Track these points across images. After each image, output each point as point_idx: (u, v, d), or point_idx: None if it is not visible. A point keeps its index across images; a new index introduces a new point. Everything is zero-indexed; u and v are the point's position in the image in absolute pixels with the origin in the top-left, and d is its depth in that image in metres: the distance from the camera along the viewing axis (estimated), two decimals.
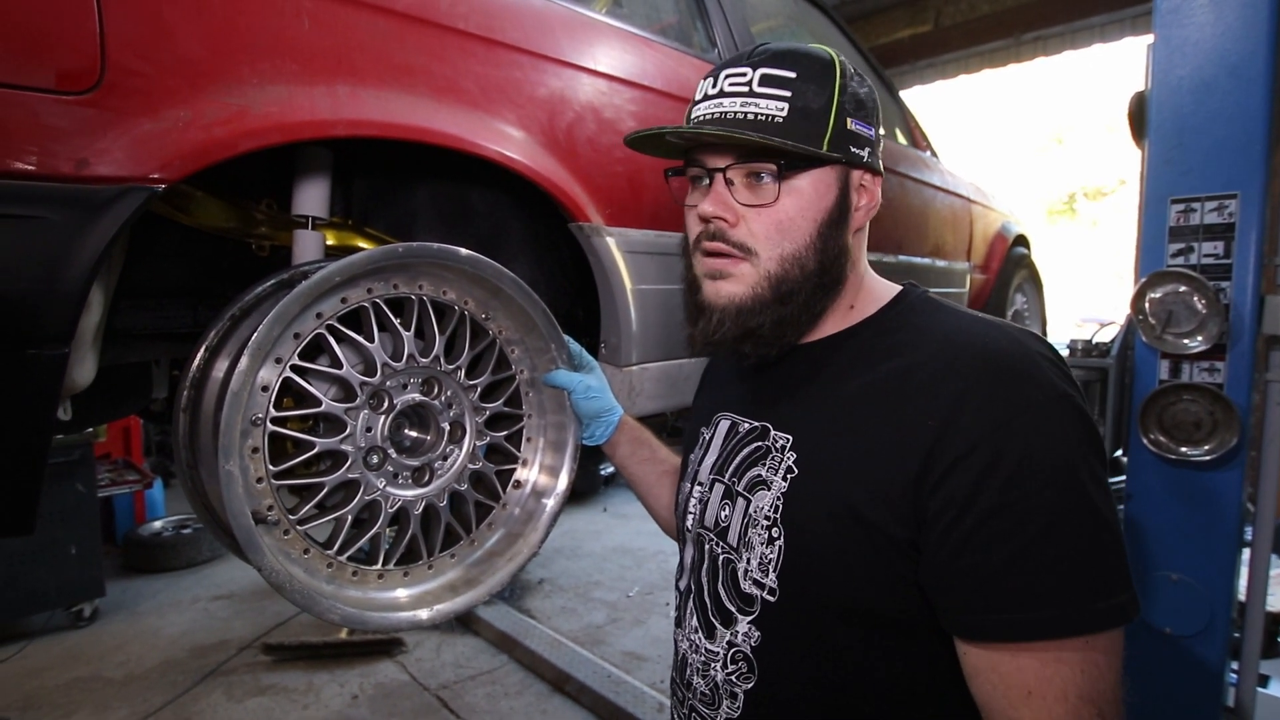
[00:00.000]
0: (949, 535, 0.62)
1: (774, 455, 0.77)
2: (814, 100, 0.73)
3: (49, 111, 0.70)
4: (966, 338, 0.70)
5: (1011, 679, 0.61)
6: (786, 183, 0.74)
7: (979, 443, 0.62)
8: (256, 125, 0.83)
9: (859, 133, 0.76)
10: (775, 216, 0.75)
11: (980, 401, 0.63)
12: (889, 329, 0.77)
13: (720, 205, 0.76)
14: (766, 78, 0.73)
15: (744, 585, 0.76)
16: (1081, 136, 14.55)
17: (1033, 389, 0.64)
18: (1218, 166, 1.58)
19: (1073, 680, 0.60)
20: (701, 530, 0.84)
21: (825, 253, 0.75)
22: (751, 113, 0.73)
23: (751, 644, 0.76)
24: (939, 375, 0.67)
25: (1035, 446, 0.61)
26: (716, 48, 1.72)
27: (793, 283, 0.75)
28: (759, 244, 0.75)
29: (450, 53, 1.06)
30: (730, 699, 0.77)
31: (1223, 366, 1.60)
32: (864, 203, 0.78)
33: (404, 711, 2.76)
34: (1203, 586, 1.64)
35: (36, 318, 0.70)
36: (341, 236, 1.15)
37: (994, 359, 0.66)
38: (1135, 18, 5.16)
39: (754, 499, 0.77)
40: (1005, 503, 0.61)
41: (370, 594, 0.95)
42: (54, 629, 3.30)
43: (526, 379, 1.09)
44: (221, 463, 0.77)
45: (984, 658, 0.63)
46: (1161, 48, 1.64)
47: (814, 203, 0.75)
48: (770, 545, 0.74)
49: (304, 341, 0.86)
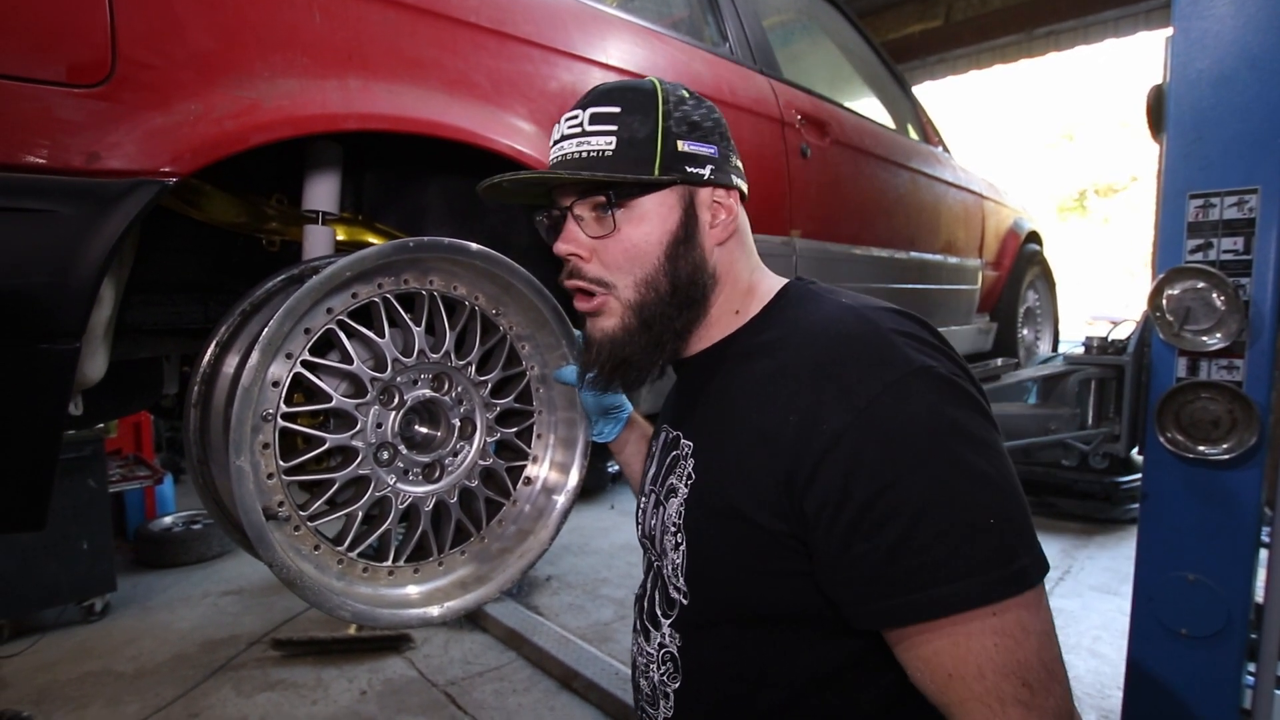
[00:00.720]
0: (831, 532, 0.62)
1: (682, 462, 0.79)
2: (639, 130, 0.75)
3: (60, 105, 0.70)
4: (822, 327, 0.70)
5: (931, 662, 0.60)
6: (624, 210, 0.76)
7: (841, 434, 0.62)
8: (267, 119, 0.83)
9: (695, 152, 0.77)
10: (621, 245, 0.77)
11: (835, 392, 0.63)
12: (764, 328, 0.78)
13: (570, 242, 0.79)
14: (595, 115, 0.76)
15: (670, 590, 0.79)
16: (1093, 132, 14.44)
17: (885, 369, 0.63)
18: (1238, 161, 1.55)
19: (986, 655, 0.58)
20: (644, 539, 0.88)
21: (676, 273, 0.77)
22: (584, 151, 0.76)
23: (676, 645, 0.79)
24: (797, 369, 0.68)
25: (897, 426, 0.61)
26: (728, 42, 1.70)
27: (652, 307, 0.77)
28: (612, 274, 0.77)
29: (462, 46, 1.06)
30: (665, 699, 0.80)
31: (1242, 364, 1.57)
32: (722, 218, 0.79)
33: (412, 707, 2.77)
34: (1220, 587, 1.61)
35: (48, 312, 0.69)
36: (352, 232, 1.15)
37: (844, 345, 0.67)
38: (1149, 12, 5.11)
39: (667, 506, 0.79)
40: (878, 489, 0.60)
41: (381, 591, 0.94)
42: (66, 623, 3.32)
43: (537, 375, 1.08)
44: (233, 458, 0.77)
45: (902, 647, 0.63)
46: (1180, 40, 1.61)
47: (657, 226, 0.76)
48: (677, 550, 0.76)
49: (315, 337, 0.86)
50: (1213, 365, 1.60)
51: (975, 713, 0.58)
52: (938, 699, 0.61)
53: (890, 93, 2.58)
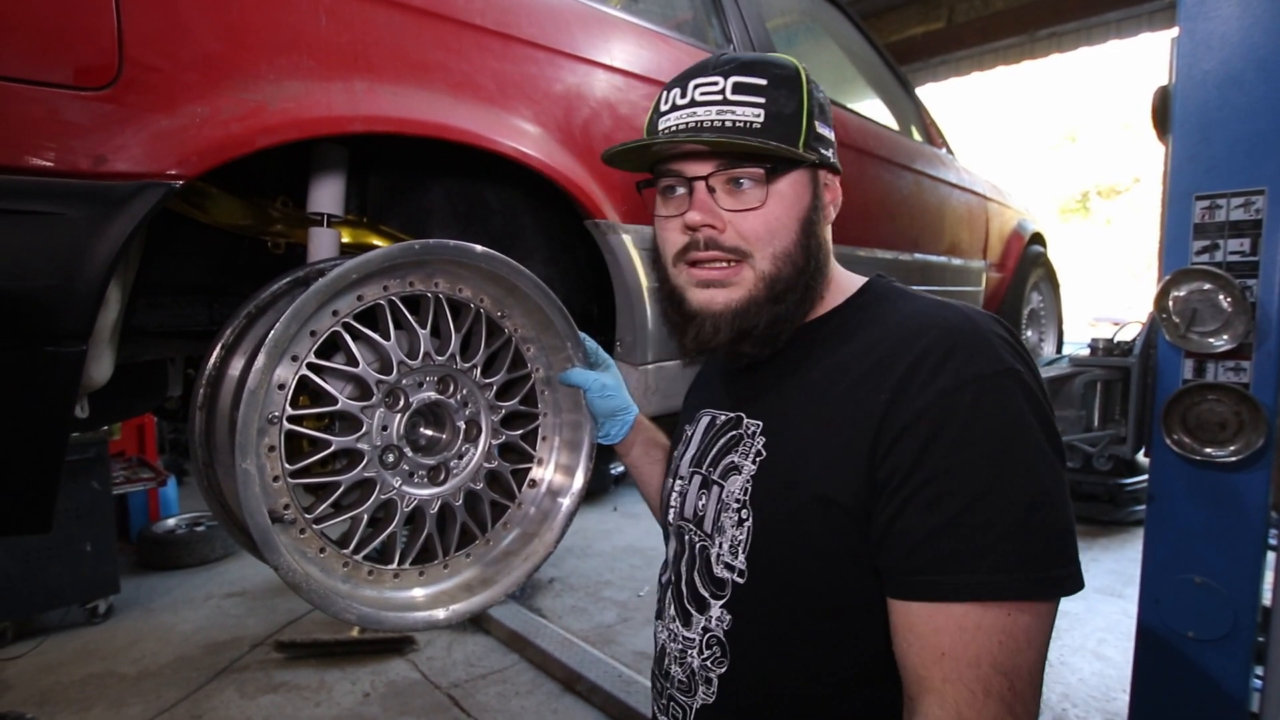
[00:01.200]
0: (892, 499, 0.64)
1: (745, 441, 0.80)
2: (786, 105, 0.76)
3: (67, 107, 0.70)
4: (922, 317, 0.72)
5: (928, 639, 0.62)
6: (772, 185, 0.76)
7: (924, 411, 0.64)
8: (274, 121, 0.83)
9: (824, 134, 0.80)
10: (765, 218, 0.77)
11: (929, 373, 0.65)
12: (854, 316, 0.80)
13: (707, 213, 0.77)
14: (739, 85, 0.75)
15: (716, 569, 0.78)
16: (1095, 134, 14.43)
17: (981, 362, 0.65)
18: (1244, 162, 1.54)
19: (987, 648, 0.60)
20: (682, 522, 0.87)
21: (809, 248, 0.79)
22: (729, 120, 0.75)
23: (724, 628, 0.77)
24: (892, 352, 0.70)
25: (979, 416, 0.63)
26: (732, 43, 1.70)
27: (786, 280, 0.77)
28: (752, 246, 0.77)
29: (466, 48, 1.06)
30: (705, 684, 0.79)
31: (1249, 366, 1.57)
32: (830, 199, 0.82)
33: (415, 710, 2.77)
34: (1227, 590, 1.61)
35: (54, 314, 0.69)
36: (356, 234, 1.14)
37: (945, 333, 0.68)
38: (1152, 13, 5.11)
39: (726, 484, 0.79)
40: (944, 469, 0.62)
41: (386, 594, 0.94)
42: (69, 625, 3.33)
43: (542, 377, 1.08)
44: (238, 461, 0.77)
45: (905, 616, 0.64)
46: (1186, 41, 1.61)
47: (795, 202, 0.78)
48: (740, 527, 0.76)
49: (320, 339, 0.86)
50: (1219, 367, 1.60)
51: (956, 693, 0.60)
52: (916, 670, 0.63)
53: (893, 94, 2.58)
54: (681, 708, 0.82)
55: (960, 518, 0.61)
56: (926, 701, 0.61)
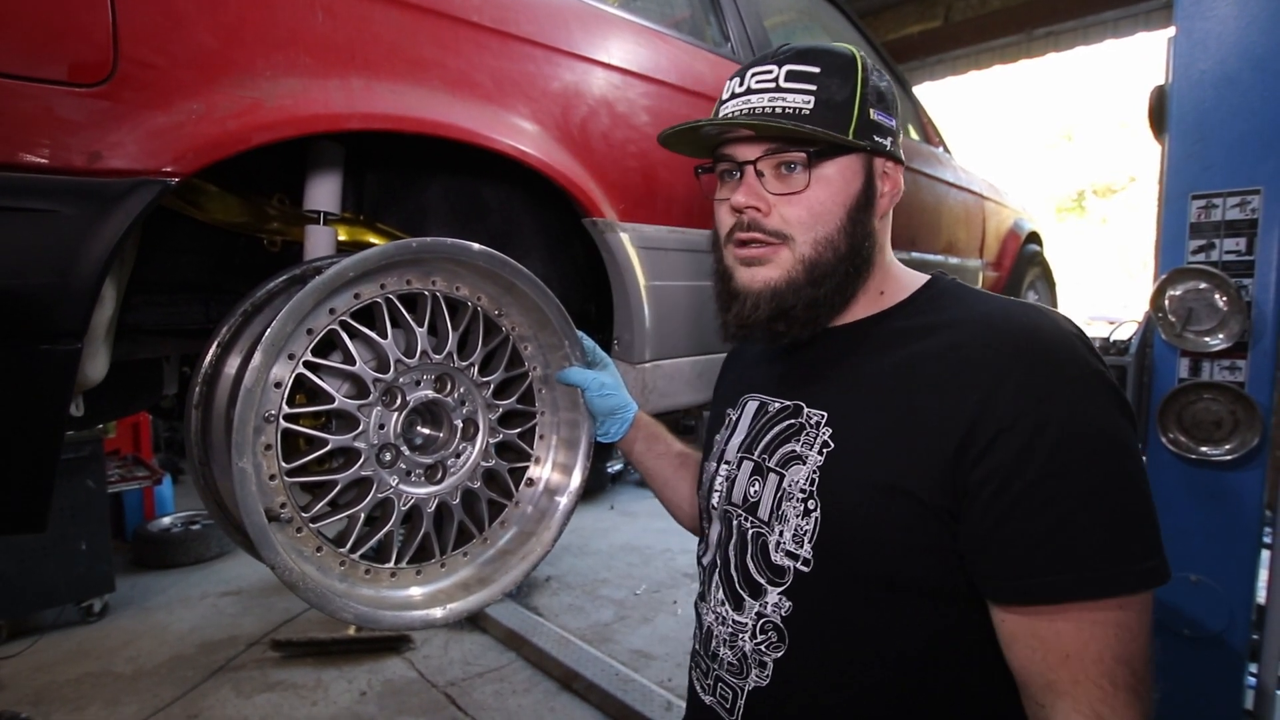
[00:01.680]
0: (993, 504, 0.65)
1: (808, 431, 0.80)
2: (838, 93, 0.77)
3: (61, 104, 0.69)
4: (1003, 318, 0.73)
5: (1050, 642, 0.64)
6: (816, 170, 0.78)
7: (1021, 415, 0.65)
8: (270, 118, 0.82)
9: (881, 123, 0.80)
10: (807, 203, 0.78)
11: (1022, 377, 0.67)
12: (922, 311, 0.80)
13: (752, 195, 0.80)
14: (792, 73, 0.78)
15: (775, 557, 0.79)
16: (1091, 133, 14.45)
17: (1071, 366, 0.67)
18: (1240, 161, 1.55)
19: (1108, 642, 0.63)
20: (729, 506, 0.86)
21: (854, 236, 0.79)
22: (780, 106, 0.77)
23: (782, 614, 0.78)
24: (979, 352, 0.70)
25: (1076, 418, 0.65)
26: (730, 42, 1.70)
27: (826, 265, 0.79)
28: (793, 229, 0.79)
29: (464, 46, 1.05)
30: (759, 668, 0.79)
31: (1244, 365, 1.57)
32: (888, 189, 0.82)
33: (412, 708, 2.76)
34: (1222, 588, 1.61)
35: (49, 313, 0.69)
36: (353, 232, 1.14)
37: (1032, 337, 0.69)
38: (1149, 12, 5.11)
39: (788, 474, 0.79)
40: (1048, 472, 0.64)
41: (383, 592, 0.94)
42: (64, 624, 3.31)
43: (540, 376, 1.07)
44: (235, 459, 0.77)
45: (1023, 623, 0.66)
46: (1183, 40, 1.61)
47: (842, 189, 0.79)
48: (806, 518, 0.76)
49: (317, 337, 0.85)
50: (1215, 366, 1.60)
51: (1088, 692, 0.62)
52: (1043, 676, 0.65)
53: None
54: (731, 689, 0.82)
55: (1069, 519, 0.63)
56: (1062, 707, 0.64)
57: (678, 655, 3.14)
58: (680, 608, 3.62)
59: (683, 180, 1.40)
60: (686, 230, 1.39)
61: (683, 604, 3.66)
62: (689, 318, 1.39)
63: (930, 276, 0.85)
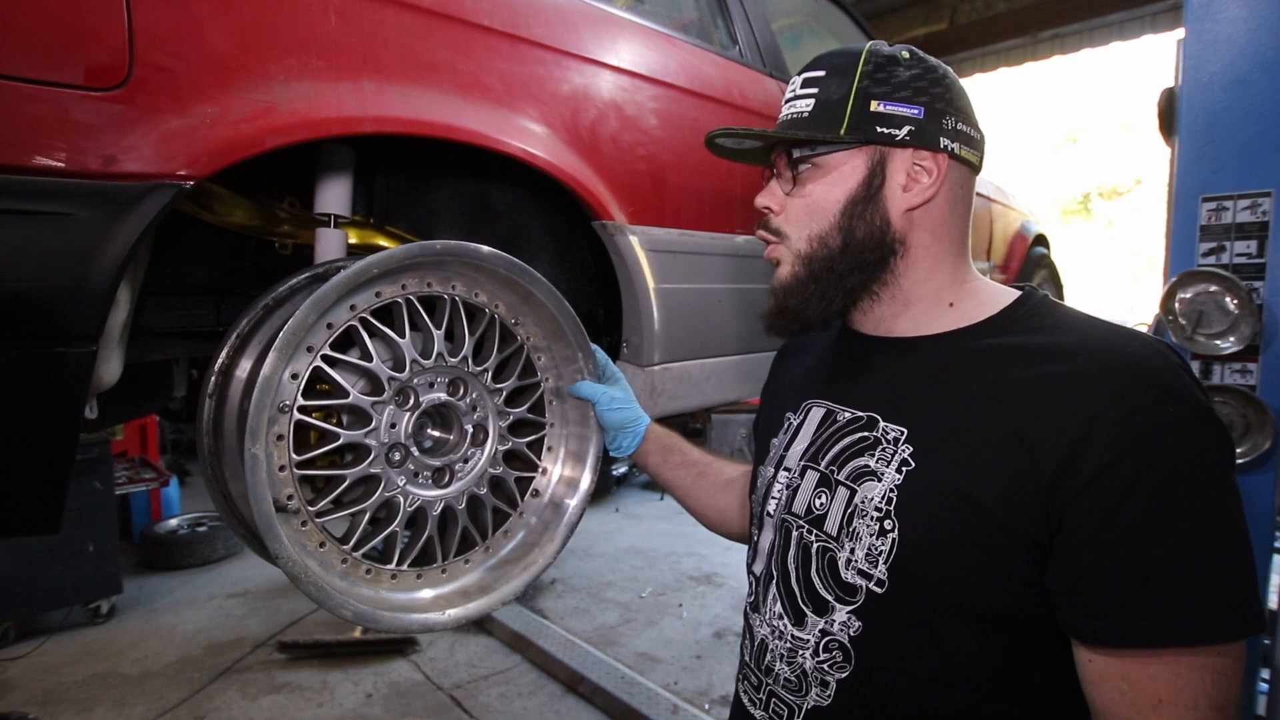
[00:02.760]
0: (1091, 542, 0.63)
1: (884, 447, 0.76)
2: (834, 92, 0.79)
3: (77, 108, 0.70)
4: (1105, 345, 0.69)
5: (1143, 687, 0.62)
6: (808, 168, 0.81)
7: (1126, 453, 0.62)
8: (283, 122, 0.83)
9: (891, 113, 0.77)
10: (801, 200, 0.81)
11: (1126, 412, 0.63)
12: (1014, 330, 0.76)
13: (766, 196, 0.86)
14: (805, 80, 0.82)
15: (845, 575, 0.76)
16: (1097, 136, 14.42)
17: (1178, 402, 0.64)
18: (1251, 164, 1.54)
19: (1203, 689, 0.61)
20: (788, 516, 0.84)
21: (851, 231, 0.79)
22: (793, 113, 0.81)
23: (850, 633, 0.75)
24: (1080, 381, 0.67)
25: (1180, 459, 0.62)
26: (737, 45, 1.70)
27: (820, 261, 0.80)
28: (789, 227, 0.83)
29: (475, 49, 1.06)
30: (820, 687, 0.77)
31: (1255, 368, 1.56)
32: (923, 182, 0.77)
33: (418, 711, 2.76)
34: None
35: (65, 315, 0.69)
36: (363, 235, 1.15)
37: (1138, 370, 0.66)
38: (1154, 15, 5.10)
39: (860, 489, 0.76)
40: (1151, 513, 0.61)
41: (383, 593, 0.94)
42: (72, 625, 3.32)
43: (552, 387, 1.08)
44: (248, 445, 0.77)
45: (1114, 666, 0.63)
46: (1193, 43, 1.61)
47: (838, 184, 0.79)
48: (882, 537, 0.73)
49: (336, 332, 0.86)
50: (1226, 369, 1.59)
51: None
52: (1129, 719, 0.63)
53: None
54: (788, 706, 0.80)
55: (1171, 561, 0.61)
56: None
57: (683, 658, 3.14)
58: (685, 611, 3.61)
59: (691, 184, 1.40)
60: (696, 233, 1.39)
61: (688, 607, 3.65)
62: (698, 321, 1.39)
63: (1022, 292, 0.81)
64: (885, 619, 0.73)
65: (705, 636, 3.34)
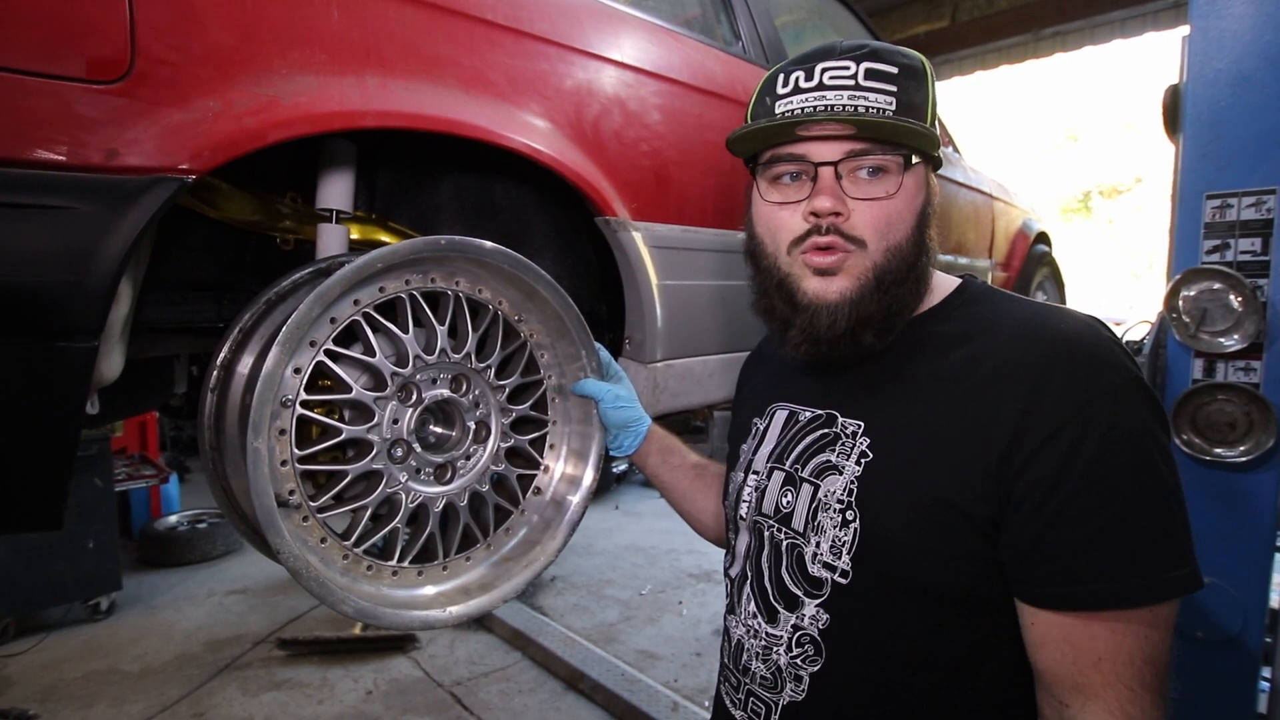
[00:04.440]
0: (1038, 513, 0.65)
1: (844, 441, 0.78)
2: (915, 96, 0.74)
3: (79, 101, 0.69)
4: (1039, 324, 0.72)
5: (1083, 646, 0.65)
6: (883, 173, 0.74)
7: (1064, 425, 0.65)
8: (286, 116, 0.82)
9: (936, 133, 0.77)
10: (887, 209, 0.74)
11: (1062, 386, 0.66)
12: (955, 317, 0.79)
13: (837, 200, 0.74)
14: (871, 72, 0.73)
15: (812, 569, 0.77)
16: (1097, 134, 14.41)
17: (1110, 372, 0.67)
18: (1256, 161, 1.53)
19: (1138, 646, 0.64)
20: (759, 517, 0.85)
21: (919, 245, 0.77)
22: (862, 105, 0.72)
23: (820, 627, 0.77)
24: (1017, 360, 0.69)
25: (1116, 427, 0.65)
26: (740, 41, 1.69)
27: (895, 274, 0.75)
28: (869, 236, 0.74)
29: (478, 44, 1.05)
30: (795, 682, 0.78)
31: (1259, 366, 1.56)
32: (936, 195, 0.81)
33: (418, 707, 2.76)
34: (1236, 591, 1.60)
35: (66, 310, 0.69)
36: (365, 230, 1.14)
37: (1071, 344, 0.69)
38: (1157, 12, 5.09)
39: (823, 484, 0.78)
40: (1091, 481, 0.64)
41: (384, 590, 0.93)
42: (71, 622, 3.32)
43: (554, 385, 1.07)
44: (250, 439, 0.76)
45: (1056, 626, 0.66)
46: (1198, 39, 1.60)
47: (914, 196, 0.76)
48: (845, 528, 0.75)
49: (339, 327, 0.85)
50: (1229, 367, 1.59)
51: (1118, 694, 0.64)
52: (1072, 678, 0.65)
53: None
54: (764, 703, 0.81)
55: (1111, 528, 0.64)
56: (1093, 709, 0.64)
57: (683, 656, 3.14)
58: (685, 608, 3.61)
59: (695, 180, 1.39)
60: (699, 230, 1.39)
61: (688, 604, 3.65)
62: (701, 317, 1.39)
63: (960, 280, 0.83)
64: (852, 610, 0.75)
65: (705, 634, 3.34)
